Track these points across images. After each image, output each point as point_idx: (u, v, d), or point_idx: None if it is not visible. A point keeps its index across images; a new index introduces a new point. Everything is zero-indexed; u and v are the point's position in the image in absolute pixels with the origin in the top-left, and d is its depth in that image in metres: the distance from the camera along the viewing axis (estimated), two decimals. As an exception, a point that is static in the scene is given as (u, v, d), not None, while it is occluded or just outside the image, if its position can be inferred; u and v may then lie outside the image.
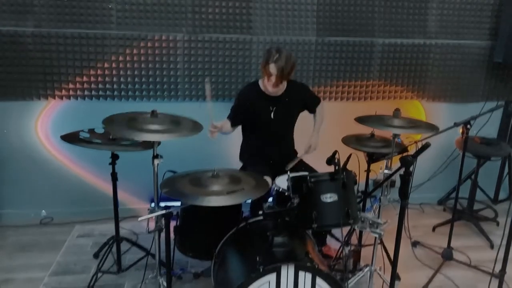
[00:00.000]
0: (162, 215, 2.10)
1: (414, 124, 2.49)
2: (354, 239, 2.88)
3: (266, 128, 2.79)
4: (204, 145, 3.28)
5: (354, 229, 2.74)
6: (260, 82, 2.78)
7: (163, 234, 2.13)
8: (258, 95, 2.75)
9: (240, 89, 2.93)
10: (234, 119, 2.76)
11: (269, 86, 2.64)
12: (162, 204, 2.20)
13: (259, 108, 2.76)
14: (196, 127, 2.27)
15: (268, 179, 2.47)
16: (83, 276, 2.72)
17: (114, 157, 2.56)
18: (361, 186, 2.77)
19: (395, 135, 2.45)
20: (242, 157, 2.98)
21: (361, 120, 2.54)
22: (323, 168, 2.25)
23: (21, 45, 3.06)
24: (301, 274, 1.92)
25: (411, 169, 1.93)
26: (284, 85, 2.72)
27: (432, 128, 2.48)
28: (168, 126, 2.20)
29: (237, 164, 2.95)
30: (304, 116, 2.96)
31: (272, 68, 2.55)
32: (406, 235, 2.76)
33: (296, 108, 2.89)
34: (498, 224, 3.58)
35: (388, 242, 2.52)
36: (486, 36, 3.70)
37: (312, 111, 2.97)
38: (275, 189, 2.42)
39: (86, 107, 3.24)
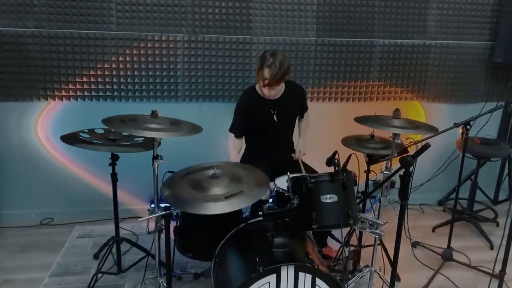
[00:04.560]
0: (162, 215, 2.11)
1: (413, 126, 2.48)
2: (354, 240, 2.87)
3: (269, 131, 2.78)
4: (204, 146, 3.29)
5: (354, 230, 2.73)
6: (257, 87, 2.74)
7: (163, 235, 2.14)
8: (258, 101, 2.72)
9: (238, 100, 2.86)
10: (239, 130, 2.77)
11: (265, 90, 2.62)
12: (162, 204, 2.20)
13: (261, 113, 2.74)
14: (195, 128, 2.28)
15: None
16: (83, 276, 2.72)
17: (114, 158, 2.56)
18: (361, 187, 2.78)
19: (395, 136, 2.44)
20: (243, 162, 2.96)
21: (360, 120, 2.53)
22: (323, 168, 2.25)
23: (21, 45, 3.06)
24: (301, 275, 1.92)
25: (411, 169, 1.93)
26: (282, 88, 2.70)
27: (432, 130, 2.46)
28: (168, 126, 2.20)
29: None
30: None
31: (266, 72, 2.52)
32: (406, 235, 2.76)
33: (296, 108, 2.89)
34: (498, 224, 3.58)
35: (388, 243, 2.52)
36: (486, 37, 3.70)
37: (301, 116, 3.00)
38: (275, 190, 2.42)
39: (86, 108, 3.23)
